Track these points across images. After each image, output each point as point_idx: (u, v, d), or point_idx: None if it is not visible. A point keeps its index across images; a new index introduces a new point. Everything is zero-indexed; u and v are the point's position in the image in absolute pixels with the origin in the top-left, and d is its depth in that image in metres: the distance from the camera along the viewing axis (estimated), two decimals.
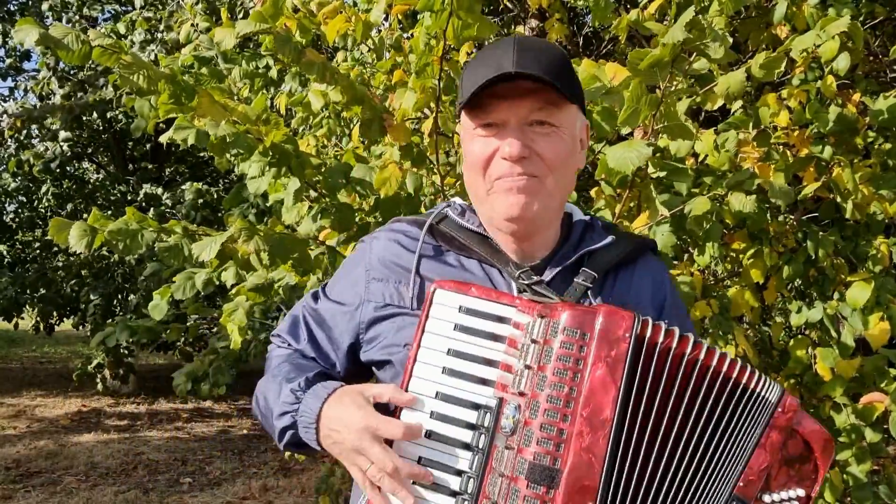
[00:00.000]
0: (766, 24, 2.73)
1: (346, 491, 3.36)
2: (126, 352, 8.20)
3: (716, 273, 3.10)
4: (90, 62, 1.79)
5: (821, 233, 2.55)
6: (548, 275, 1.14)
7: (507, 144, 1.08)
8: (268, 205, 3.60)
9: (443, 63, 2.04)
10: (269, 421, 1.16)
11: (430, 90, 2.25)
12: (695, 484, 1.00)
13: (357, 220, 2.24)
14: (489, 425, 0.98)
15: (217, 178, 9.37)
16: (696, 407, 0.99)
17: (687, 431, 0.99)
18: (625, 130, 2.26)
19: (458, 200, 1.27)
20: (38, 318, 9.23)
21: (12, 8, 9.56)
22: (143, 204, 8.24)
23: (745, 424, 1.01)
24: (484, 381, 1.01)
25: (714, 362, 1.00)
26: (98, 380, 8.57)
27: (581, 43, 4.33)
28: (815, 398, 2.61)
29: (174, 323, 3.24)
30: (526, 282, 1.11)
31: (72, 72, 8.48)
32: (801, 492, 1.02)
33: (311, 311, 1.25)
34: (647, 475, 0.97)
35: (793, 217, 2.75)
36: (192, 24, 3.46)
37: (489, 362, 1.01)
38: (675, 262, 2.54)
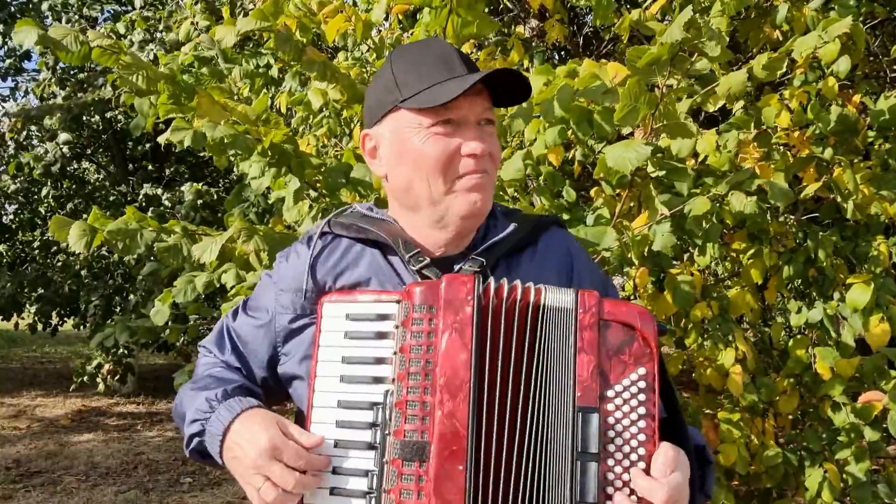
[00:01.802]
0: (767, 24, 2.73)
1: None
2: (126, 352, 8.19)
3: (716, 273, 3.09)
4: (90, 61, 1.79)
5: (821, 233, 2.55)
6: (456, 267, 1.14)
7: (476, 142, 1.09)
8: (269, 203, 3.59)
9: None
10: (182, 426, 1.15)
11: None
12: (537, 414, 1.00)
13: None
14: (383, 420, 1.00)
15: (217, 178, 9.35)
16: (519, 343, 1.02)
17: (513, 368, 1.01)
18: (625, 131, 2.26)
19: (364, 203, 1.27)
20: (38, 319, 9.21)
21: (12, 9, 9.56)
22: (143, 204, 8.23)
23: (555, 338, 1.02)
24: (378, 380, 1.03)
25: (532, 298, 1.03)
26: (98, 380, 8.56)
27: (581, 43, 4.33)
28: (814, 397, 2.61)
29: (174, 323, 3.23)
30: (415, 267, 1.11)
31: (71, 71, 8.48)
32: (641, 370, 1.02)
33: (232, 326, 1.25)
34: (508, 425, 0.99)
35: (793, 217, 2.75)
36: (192, 23, 3.46)
37: (379, 360, 1.03)
38: (675, 263, 2.54)
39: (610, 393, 1.01)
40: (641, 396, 1.00)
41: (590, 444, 0.98)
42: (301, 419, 1.17)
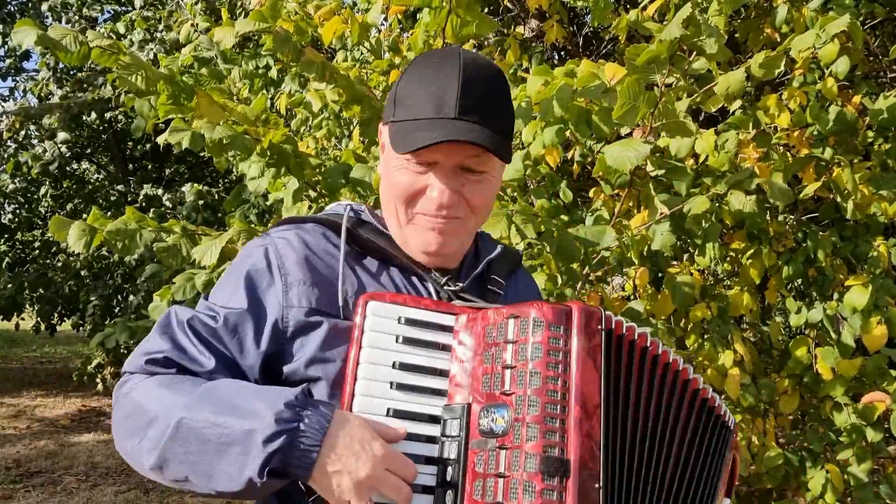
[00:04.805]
0: (766, 24, 2.72)
1: None
2: (126, 352, 8.18)
3: (716, 273, 3.09)
4: (89, 61, 1.79)
5: (820, 233, 2.55)
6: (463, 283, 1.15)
7: (440, 192, 1.04)
8: (268, 204, 3.59)
9: None
10: (238, 448, 0.91)
11: None
12: (688, 492, 1.08)
13: None
14: (458, 433, 0.98)
15: (217, 178, 9.36)
16: (664, 408, 1.07)
17: (660, 431, 1.06)
18: (624, 131, 2.26)
19: (356, 205, 1.20)
20: (38, 319, 9.22)
21: (12, 9, 9.57)
22: (143, 204, 8.24)
23: (719, 446, 1.14)
24: (437, 392, 1.00)
25: (670, 360, 1.08)
26: (98, 380, 8.56)
27: (581, 43, 4.33)
28: (815, 398, 2.60)
29: None
30: (452, 288, 1.12)
31: (71, 71, 8.48)
32: (727, 501, 1.18)
33: (207, 329, 1.05)
34: (637, 457, 1.03)
35: (792, 217, 2.75)
36: (192, 24, 3.46)
37: (441, 372, 1.01)
38: (675, 263, 2.53)
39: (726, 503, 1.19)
40: None
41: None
42: None
